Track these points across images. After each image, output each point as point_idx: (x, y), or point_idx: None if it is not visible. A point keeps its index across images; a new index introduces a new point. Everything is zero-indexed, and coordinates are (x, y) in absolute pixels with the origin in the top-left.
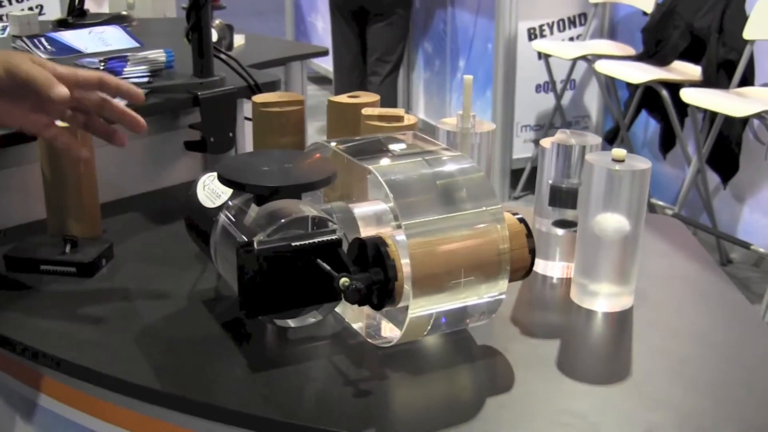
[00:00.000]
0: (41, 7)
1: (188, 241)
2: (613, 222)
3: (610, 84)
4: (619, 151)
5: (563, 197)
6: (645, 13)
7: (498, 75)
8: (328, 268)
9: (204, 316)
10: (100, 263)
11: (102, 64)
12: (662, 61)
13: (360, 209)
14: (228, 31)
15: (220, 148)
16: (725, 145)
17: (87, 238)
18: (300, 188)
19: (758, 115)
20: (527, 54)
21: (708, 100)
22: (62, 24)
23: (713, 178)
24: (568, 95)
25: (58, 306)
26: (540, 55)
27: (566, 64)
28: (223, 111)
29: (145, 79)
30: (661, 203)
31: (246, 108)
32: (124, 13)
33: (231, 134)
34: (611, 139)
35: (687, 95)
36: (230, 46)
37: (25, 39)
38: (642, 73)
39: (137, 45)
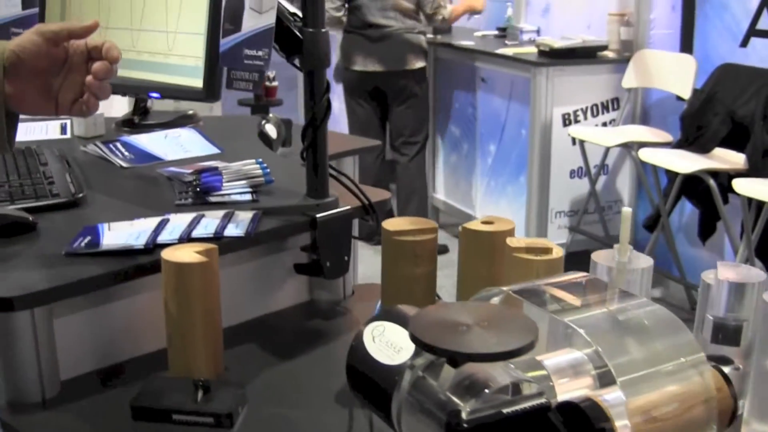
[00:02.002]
0: None
1: (313, 378)
2: None
3: (651, 171)
4: None
5: (729, 335)
6: (679, 98)
7: (533, 161)
8: None
9: None
10: (238, 411)
11: (193, 177)
12: (703, 148)
13: (551, 361)
14: (285, 126)
15: (336, 272)
16: None
17: (217, 381)
18: (511, 354)
19: None
20: (562, 139)
21: (762, 191)
22: (128, 124)
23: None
24: (601, 180)
25: None
26: (574, 140)
27: (600, 149)
28: (340, 233)
29: (249, 197)
30: None
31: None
32: (190, 112)
33: (346, 258)
34: (650, 226)
35: (739, 186)
36: (288, 142)
37: (99, 144)
38: (688, 163)
39: (217, 151)
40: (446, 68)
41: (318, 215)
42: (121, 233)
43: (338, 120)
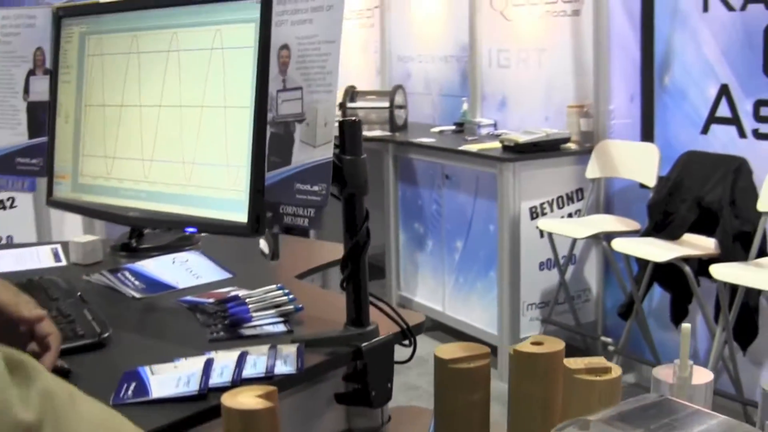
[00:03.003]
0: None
1: None
2: None
3: (623, 259)
4: None
5: None
6: (642, 186)
7: (504, 255)
8: None
9: None
10: None
11: (218, 308)
12: (672, 235)
13: None
14: (273, 240)
15: (382, 400)
16: (746, 314)
17: None
18: None
19: None
20: (530, 232)
21: (738, 276)
22: (126, 248)
23: None
24: (570, 270)
25: None
26: (542, 232)
27: (567, 240)
28: (383, 361)
29: (282, 327)
30: None
31: None
32: (187, 233)
33: (389, 384)
34: (624, 313)
35: (716, 271)
36: (276, 255)
37: (105, 273)
38: (662, 251)
39: (228, 275)
40: (408, 166)
41: (363, 345)
42: (168, 377)
43: None
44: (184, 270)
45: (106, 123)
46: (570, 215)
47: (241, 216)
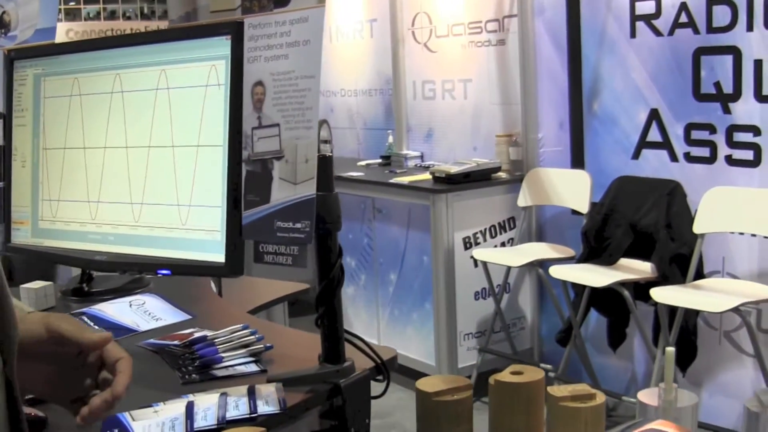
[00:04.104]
0: None
1: None
2: None
3: (559, 285)
4: None
5: None
6: (574, 212)
7: (439, 286)
8: None
9: None
10: None
11: (184, 351)
12: (608, 261)
13: None
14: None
15: None
16: (684, 336)
17: None
18: None
19: (736, 309)
20: (464, 262)
21: (679, 298)
22: (77, 293)
23: None
24: (504, 299)
25: None
26: (476, 262)
27: (502, 269)
28: (361, 396)
29: (254, 367)
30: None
31: None
32: (136, 275)
33: (367, 420)
34: (562, 339)
35: (657, 295)
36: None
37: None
38: (600, 277)
39: (188, 317)
40: None
41: (342, 381)
42: (150, 423)
43: None
44: (143, 312)
45: (70, 166)
46: (503, 244)
47: (218, 257)
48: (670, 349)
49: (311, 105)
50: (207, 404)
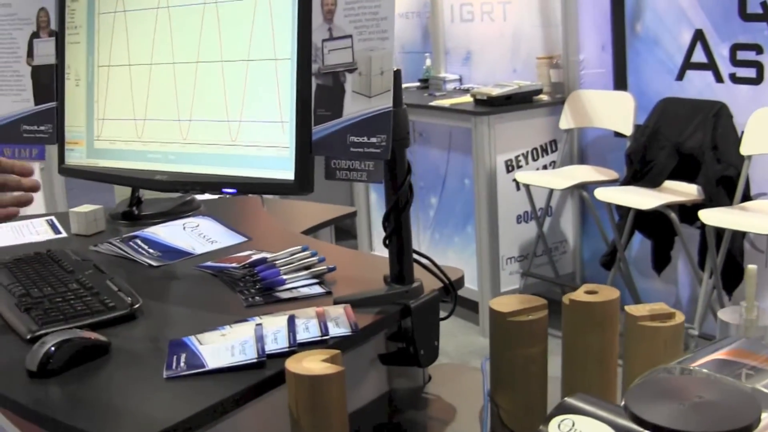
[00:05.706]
0: None
1: None
2: None
3: (604, 208)
4: None
5: None
6: (617, 135)
7: (481, 209)
8: None
9: None
10: None
11: (245, 272)
12: (652, 183)
13: None
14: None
15: (430, 359)
16: (731, 259)
17: None
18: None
19: None
20: (506, 186)
21: (727, 220)
22: (127, 216)
23: None
24: (546, 222)
25: None
26: (518, 185)
27: (543, 192)
28: (430, 318)
29: (319, 289)
30: None
31: None
32: (188, 197)
33: (436, 343)
34: (607, 263)
35: (705, 217)
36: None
37: (115, 242)
38: (646, 199)
39: (244, 239)
40: None
41: (412, 302)
42: (219, 347)
43: None
44: (197, 235)
45: (131, 83)
46: (545, 167)
47: (287, 174)
48: (752, 267)
49: (386, 15)
50: (276, 327)
